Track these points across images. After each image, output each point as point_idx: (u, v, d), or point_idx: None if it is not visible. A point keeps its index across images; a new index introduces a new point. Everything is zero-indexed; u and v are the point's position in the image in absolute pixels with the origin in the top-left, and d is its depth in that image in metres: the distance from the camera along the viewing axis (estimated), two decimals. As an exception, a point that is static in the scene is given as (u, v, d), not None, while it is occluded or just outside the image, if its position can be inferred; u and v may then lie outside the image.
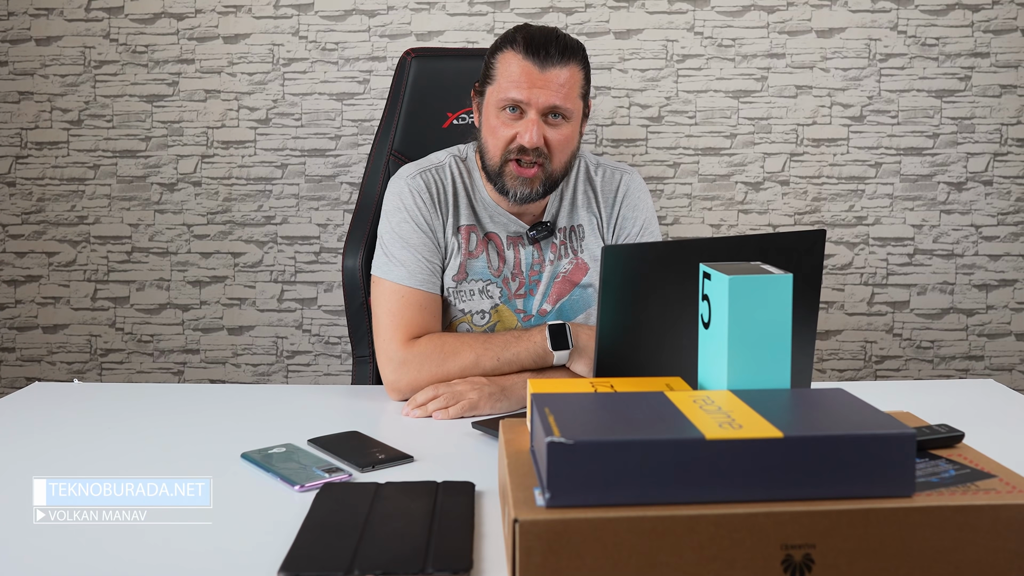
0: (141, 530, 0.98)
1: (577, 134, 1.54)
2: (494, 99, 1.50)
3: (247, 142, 2.56)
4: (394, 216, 1.58)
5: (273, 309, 2.60)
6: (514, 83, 1.47)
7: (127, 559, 0.91)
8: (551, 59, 1.46)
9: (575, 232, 1.63)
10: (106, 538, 0.96)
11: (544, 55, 1.46)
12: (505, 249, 1.60)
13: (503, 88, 1.48)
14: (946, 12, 2.52)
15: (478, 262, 1.59)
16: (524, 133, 1.47)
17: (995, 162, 2.56)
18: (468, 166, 1.63)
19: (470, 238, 1.59)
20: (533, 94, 1.45)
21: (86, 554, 0.93)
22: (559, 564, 0.79)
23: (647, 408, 0.91)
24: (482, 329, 1.60)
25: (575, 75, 1.49)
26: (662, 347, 1.15)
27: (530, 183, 1.50)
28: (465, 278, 1.58)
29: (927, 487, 0.87)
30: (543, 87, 1.46)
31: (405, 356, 1.49)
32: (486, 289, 1.59)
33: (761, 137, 2.55)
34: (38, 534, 0.97)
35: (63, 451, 1.24)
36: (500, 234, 1.60)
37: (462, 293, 1.59)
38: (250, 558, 0.91)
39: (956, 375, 2.62)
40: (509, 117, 1.49)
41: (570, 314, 1.63)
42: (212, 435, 1.31)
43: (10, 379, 2.63)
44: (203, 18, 2.53)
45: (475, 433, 1.32)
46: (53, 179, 2.58)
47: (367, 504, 0.98)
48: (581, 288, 1.62)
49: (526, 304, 1.61)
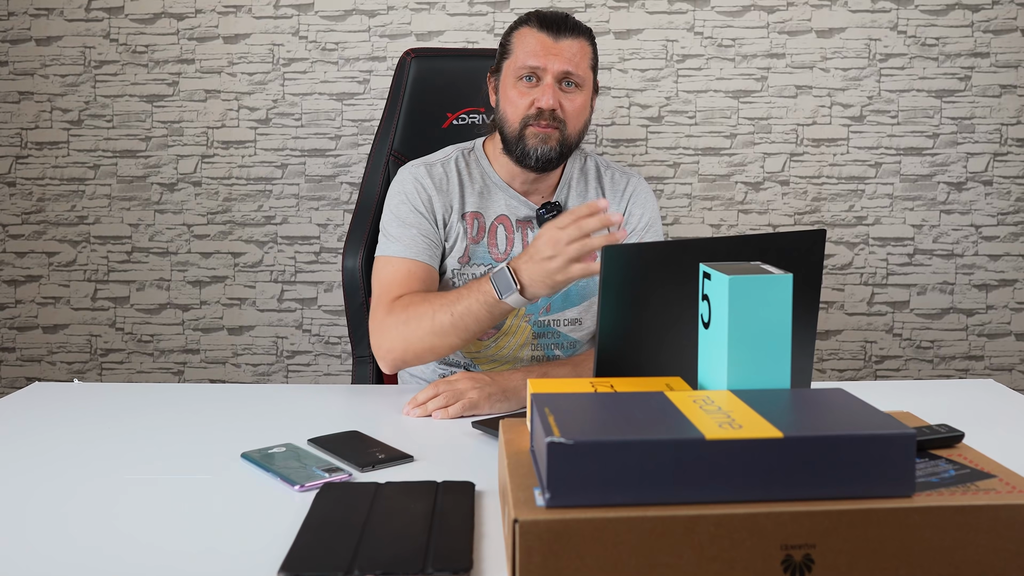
0: (141, 530, 0.98)
1: (589, 106, 1.62)
2: (512, 70, 1.59)
3: (247, 142, 2.56)
4: (393, 201, 1.64)
5: (273, 309, 2.60)
6: (531, 53, 1.57)
7: (127, 559, 0.91)
8: (564, 32, 1.58)
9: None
10: (106, 538, 0.96)
11: (557, 28, 1.58)
12: (514, 232, 1.64)
13: (520, 58, 1.58)
14: (946, 12, 2.52)
15: (480, 247, 1.63)
16: (541, 97, 1.56)
17: (995, 162, 2.56)
18: (476, 155, 1.69)
19: (474, 224, 1.63)
20: (548, 60, 1.56)
21: (85, 554, 0.93)
22: (559, 564, 0.79)
23: (647, 408, 0.91)
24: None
25: (585, 47, 1.60)
26: (662, 347, 1.15)
27: (548, 140, 1.57)
28: (468, 262, 1.62)
29: (927, 487, 0.87)
30: (557, 55, 1.56)
31: (381, 321, 1.53)
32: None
33: (761, 137, 2.55)
34: (38, 533, 0.97)
35: (63, 451, 1.24)
36: (510, 217, 1.65)
37: (465, 276, 1.62)
38: (250, 558, 0.91)
39: (956, 375, 2.62)
40: (526, 86, 1.58)
41: (576, 299, 1.66)
42: (212, 435, 1.31)
43: (10, 379, 2.63)
44: (203, 18, 2.53)
45: (475, 433, 1.32)
46: (53, 179, 2.58)
47: (367, 504, 0.98)
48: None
49: None
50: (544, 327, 1.65)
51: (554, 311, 1.65)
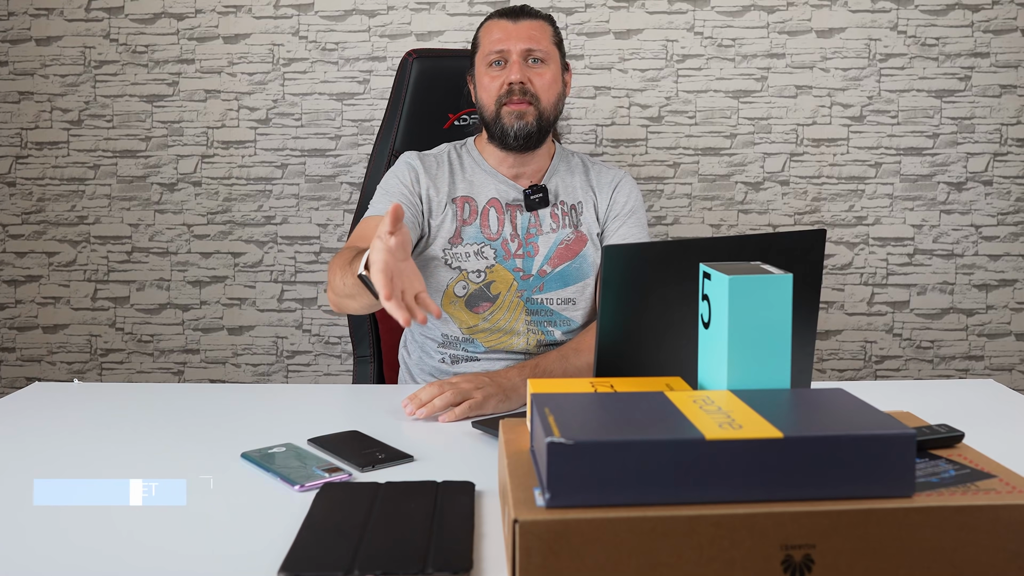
0: (141, 530, 0.98)
1: (559, 80, 1.71)
2: (481, 60, 1.70)
3: (247, 142, 2.56)
4: (384, 181, 1.72)
5: (273, 309, 2.60)
6: (494, 39, 1.69)
7: (127, 559, 0.91)
8: (522, 16, 1.71)
9: (575, 208, 1.73)
10: (106, 538, 0.96)
11: (516, 14, 1.71)
12: (503, 213, 1.70)
13: (486, 47, 1.69)
14: (946, 12, 2.52)
15: (471, 228, 1.69)
16: (509, 74, 1.66)
17: (995, 162, 2.56)
18: (467, 148, 1.77)
19: (464, 207, 1.69)
20: (510, 42, 1.67)
21: (85, 554, 0.93)
22: (559, 564, 0.79)
23: (647, 408, 0.91)
24: (477, 287, 1.67)
25: (544, 27, 1.71)
26: (662, 347, 1.15)
27: (523, 116, 1.66)
28: (460, 242, 1.67)
29: (927, 487, 0.86)
30: (518, 35, 1.68)
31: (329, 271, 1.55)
32: (481, 251, 1.68)
33: (761, 137, 2.55)
34: (38, 534, 0.97)
35: (63, 451, 1.24)
36: (500, 200, 1.71)
37: (457, 255, 1.67)
38: (250, 558, 0.91)
39: (956, 375, 2.62)
40: (496, 70, 1.68)
41: (570, 279, 1.70)
42: (212, 435, 1.31)
43: (10, 379, 2.63)
44: (203, 18, 2.53)
45: (475, 433, 1.32)
46: (53, 179, 2.58)
47: (367, 504, 0.98)
48: (582, 257, 1.71)
49: (525, 264, 1.69)
50: (537, 304, 1.68)
51: (548, 290, 1.68)
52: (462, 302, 1.67)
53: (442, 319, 1.70)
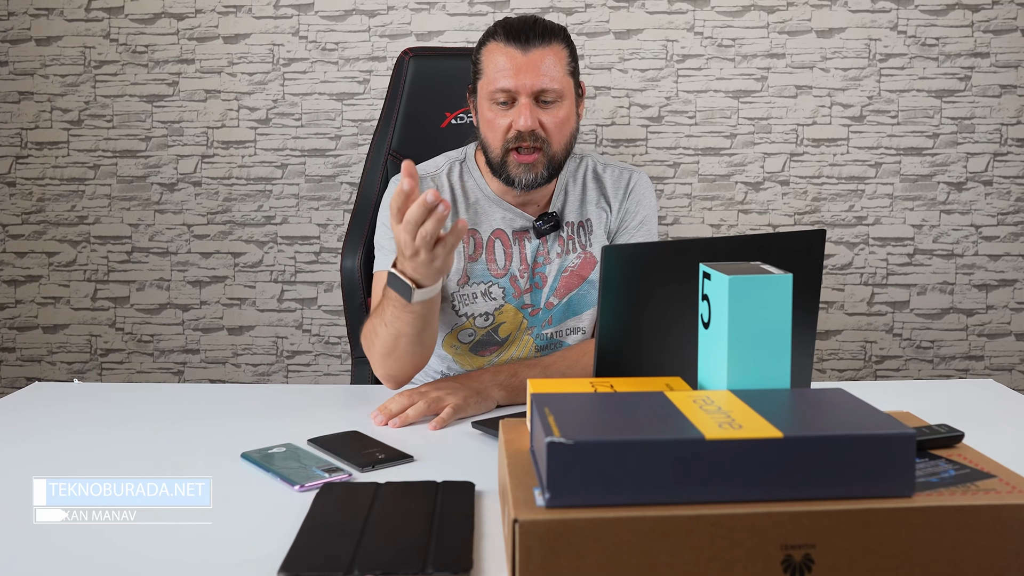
0: (141, 530, 0.98)
1: (573, 114, 1.54)
2: (485, 92, 1.51)
3: (247, 142, 2.56)
4: (385, 214, 1.58)
5: (273, 309, 2.60)
6: (501, 72, 1.48)
7: (127, 559, 0.91)
8: (532, 42, 1.48)
9: (584, 227, 1.63)
10: (106, 538, 0.96)
11: (525, 40, 1.48)
12: (512, 245, 1.59)
13: (491, 80, 1.49)
14: (946, 12, 2.52)
15: (478, 265, 1.58)
16: (518, 118, 1.48)
17: (995, 162, 2.56)
18: (468, 167, 1.62)
19: (470, 242, 1.58)
20: (520, 80, 1.47)
21: (86, 554, 0.93)
22: (559, 564, 0.79)
23: (647, 408, 0.91)
24: (484, 332, 1.59)
25: (559, 54, 1.50)
26: (662, 347, 1.15)
27: (532, 168, 1.50)
28: (467, 282, 1.58)
29: (927, 487, 0.86)
30: (528, 71, 1.47)
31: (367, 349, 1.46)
32: (488, 291, 1.58)
33: (761, 137, 2.55)
34: (38, 534, 0.97)
35: (63, 451, 1.24)
36: (506, 230, 1.59)
37: (465, 297, 1.58)
38: (250, 558, 0.91)
39: (956, 375, 2.62)
40: (502, 107, 1.50)
41: (578, 308, 1.62)
42: (212, 435, 1.31)
43: (10, 379, 2.63)
44: (203, 18, 2.53)
45: (475, 433, 1.32)
46: (53, 179, 2.58)
47: (367, 504, 0.98)
48: (589, 283, 1.62)
49: (533, 298, 1.60)
50: (548, 340, 1.62)
51: (556, 323, 1.63)
52: (466, 347, 1.60)
53: (442, 359, 1.64)
